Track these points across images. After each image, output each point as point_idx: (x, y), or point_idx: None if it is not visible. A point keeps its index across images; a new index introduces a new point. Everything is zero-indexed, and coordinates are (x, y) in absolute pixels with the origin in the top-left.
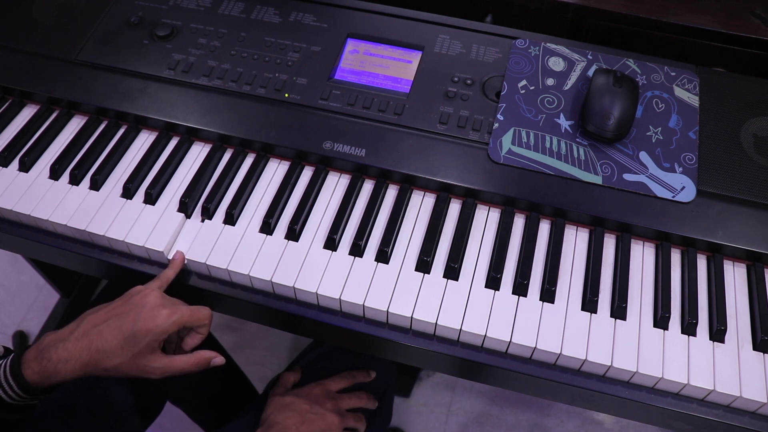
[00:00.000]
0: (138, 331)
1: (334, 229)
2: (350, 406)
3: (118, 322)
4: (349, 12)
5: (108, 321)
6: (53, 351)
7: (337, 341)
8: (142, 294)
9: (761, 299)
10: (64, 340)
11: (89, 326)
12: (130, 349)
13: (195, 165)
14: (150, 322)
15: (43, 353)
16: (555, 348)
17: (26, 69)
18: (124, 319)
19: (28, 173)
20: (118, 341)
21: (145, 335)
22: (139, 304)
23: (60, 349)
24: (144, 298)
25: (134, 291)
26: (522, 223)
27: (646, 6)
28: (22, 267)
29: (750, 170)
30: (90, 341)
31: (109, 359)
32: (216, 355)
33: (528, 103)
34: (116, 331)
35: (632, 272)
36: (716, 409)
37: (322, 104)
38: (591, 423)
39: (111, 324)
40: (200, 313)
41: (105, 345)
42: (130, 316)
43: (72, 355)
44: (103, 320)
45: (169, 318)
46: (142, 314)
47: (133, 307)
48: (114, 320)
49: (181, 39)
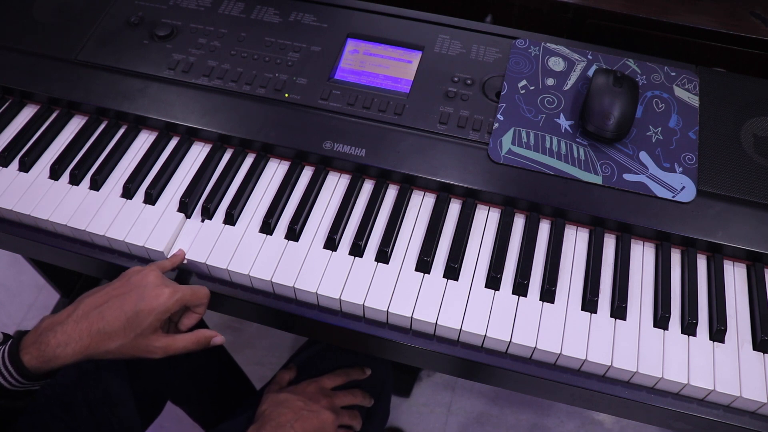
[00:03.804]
0: (141, 311)
1: (334, 229)
2: (345, 403)
3: (119, 302)
4: (349, 12)
5: (108, 302)
6: (51, 335)
7: (337, 341)
8: (142, 274)
9: (761, 299)
10: (62, 323)
11: (88, 308)
12: (132, 329)
13: (195, 165)
14: (153, 301)
15: (41, 337)
16: (555, 348)
17: (26, 69)
18: (126, 299)
19: (28, 173)
20: (120, 322)
21: (148, 314)
22: (140, 284)
23: (58, 332)
24: (144, 278)
25: (132, 271)
26: (522, 223)
27: (646, 6)
28: (22, 267)
29: (750, 170)
30: (90, 323)
31: (111, 340)
32: (216, 334)
33: (528, 103)
34: (118, 311)
35: (632, 272)
36: (716, 409)
37: (322, 104)
38: (591, 423)
39: (112, 305)
40: (200, 292)
41: (107, 326)
42: (132, 296)
43: (71, 338)
44: (103, 301)
45: (172, 296)
46: (144, 294)
47: (134, 287)
48: (115, 300)
49: (181, 39)
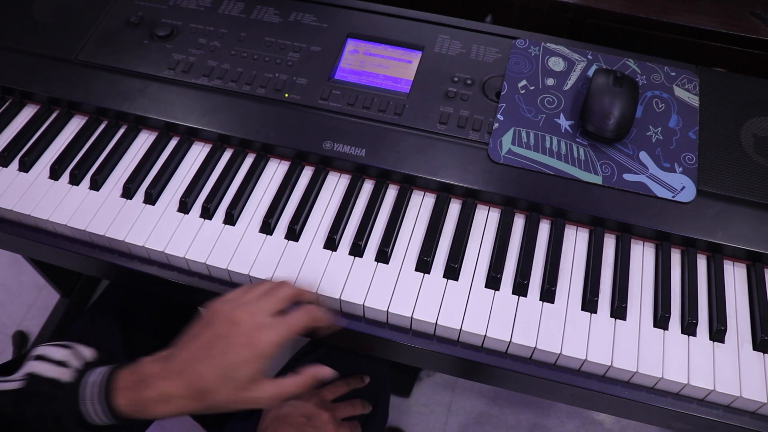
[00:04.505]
0: (236, 363)
1: (334, 229)
2: (345, 415)
3: (213, 354)
4: (349, 12)
5: (203, 358)
6: (152, 388)
7: (337, 341)
8: (237, 314)
9: (761, 299)
10: (163, 378)
11: (184, 363)
12: (231, 383)
13: (195, 165)
14: (248, 351)
15: (140, 386)
16: (555, 348)
17: (26, 69)
18: (221, 351)
19: (28, 173)
20: (217, 378)
21: (245, 367)
22: (235, 331)
23: (159, 386)
24: (239, 323)
25: (227, 311)
26: (522, 223)
27: (646, 6)
28: (22, 267)
29: (750, 170)
30: (188, 381)
31: (212, 397)
32: (322, 367)
33: (528, 103)
34: (213, 367)
35: (632, 272)
36: (716, 409)
37: (322, 104)
38: (591, 423)
39: (206, 359)
40: (314, 318)
41: (205, 384)
42: (227, 346)
43: (172, 395)
44: (198, 357)
45: (272, 343)
46: (240, 341)
47: (228, 334)
48: (209, 353)
49: (181, 39)
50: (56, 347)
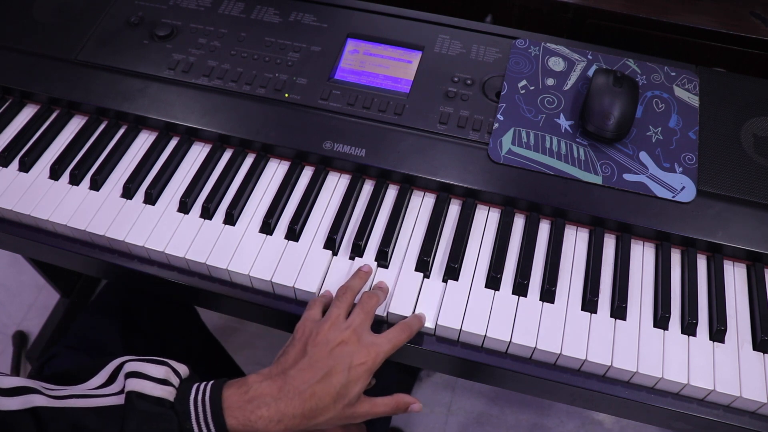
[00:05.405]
0: (349, 382)
1: (334, 229)
2: None
3: (328, 375)
4: (349, 12)
5: (320, 379)
6: (264, 409)
7: None
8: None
9: (761, 299)
10: (279, 398)
11: (302, 385)
12: (341, 400)
13: (195, 165)
14: (360, 368)
15: (250, 406)
16: (555, 348)
17: (26, 69)
18: (332, 372)
19: (28, 173)
20: (331, 397)
21: (356, 384)
22: (346, 351)
23: (272, 407)
24: (346, 345)
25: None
26: (522, 223)
27: (646, 6)
28: (22, 267)
29: (750, 170)
30: (303, 402)
31: (321, 415)
32: (414, 401)
33: (528, 103)
34: (329, 386)
35: (632, 272)
36: (716, 409)
37: (322, 104)
38: (591, 423)
39: (323, 381)
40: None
41: (319, 403)
42: (339, 366)
43: (285, 416)
44: (314, 377)
45: (378, 357)
46: (353, 360)
47: (340, 355)
48: (324, 374)
49: (181, 39)
50: (153, 364)
